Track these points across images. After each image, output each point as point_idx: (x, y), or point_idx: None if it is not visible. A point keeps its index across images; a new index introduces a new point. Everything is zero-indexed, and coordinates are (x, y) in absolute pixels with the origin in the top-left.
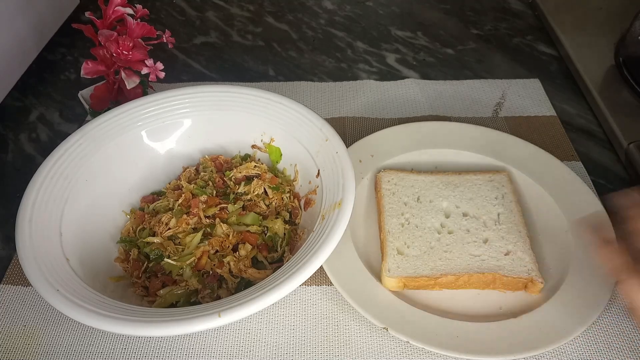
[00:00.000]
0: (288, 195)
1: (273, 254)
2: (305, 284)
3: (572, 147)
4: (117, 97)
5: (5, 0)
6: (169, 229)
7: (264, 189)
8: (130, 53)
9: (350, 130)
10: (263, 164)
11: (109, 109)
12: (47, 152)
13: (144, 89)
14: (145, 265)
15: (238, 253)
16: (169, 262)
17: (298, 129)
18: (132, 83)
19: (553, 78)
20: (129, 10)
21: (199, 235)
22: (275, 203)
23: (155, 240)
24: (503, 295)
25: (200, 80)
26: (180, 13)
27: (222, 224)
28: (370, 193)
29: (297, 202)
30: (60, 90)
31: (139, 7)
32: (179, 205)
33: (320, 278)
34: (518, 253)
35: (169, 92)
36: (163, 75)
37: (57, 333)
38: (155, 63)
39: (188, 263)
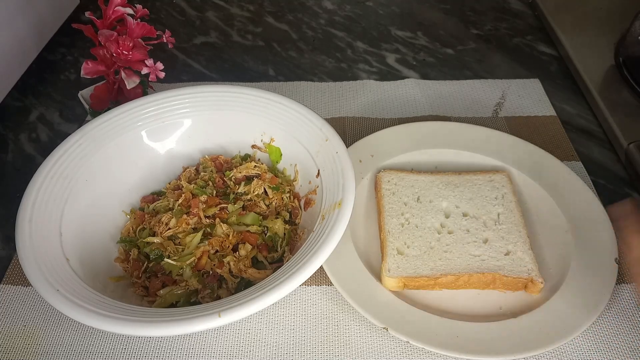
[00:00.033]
0: (288, 195)
1: (273, 254)
2: (305, 284)
3: (572, 147)
4: (117, 97)
5: (5, 0)
6: (169, 229)
7: (264, 189)
8: (130, 53)
9: (350, 130)
10: (263, 164)
11: (109, 109)
12: (47, 152)
13: (144, 89)
14: (145, 265)
15: (238, 253)
16: (169, 262)
17: (298, 129)
18: (132, 83)
19: (553, 78)
20: (129, 10)
21: (199, 235)
22: (275, 203)
23: (155, 240)
24: (503, 295)
25: (200, 80)
26: (180, 13)
27: (222, 224)
28: (370, 193)
29: (297, 202)
30: (60, 90)
31: (139, 7)
32: (179, 205)
33: (320, 278)
34: (518, 253)
35: (169, 92)
36: (163, 75)
37: (57, 333)
38: (155, 63)
39: (188, 263)
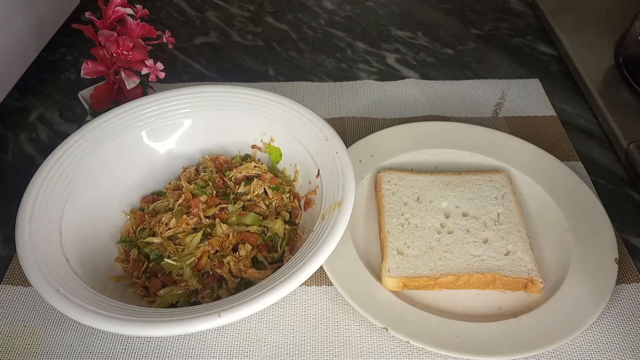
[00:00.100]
0: (288, 196)
1: (273, 254)
2: (305, 284)
3: (572, 147)
4: (117, 97)
5: (5, 0)
6: (169, 229)
7: (264, 189)
8: (130, 53)
9: (350, 130)
10: (263, 164)
11: (109, 109)
12: (47, 152)
13: (144, 89)
14: (145, 266)
15: (238, 253)
16: (169, 262)
17: (298, 129)
18: (132, 83)
19: (553, 78)
20: (129, 11)
21: (199, 236)
22: (275, 203)
23: (155, 241)
24: (503, 295)
25: (200, 80)
26: (180, 13)
27: (222, 224)
28: (370, 193)
29: (297, 202)
30: (60, 90)
31: (139, 7)
32: (179, 206)
33: (320, 278)
34: (518, 253)
35: (169, 92)
36: (163, 76)
37: (57, 333)
38: (155, 63)
39: (188, 263)
